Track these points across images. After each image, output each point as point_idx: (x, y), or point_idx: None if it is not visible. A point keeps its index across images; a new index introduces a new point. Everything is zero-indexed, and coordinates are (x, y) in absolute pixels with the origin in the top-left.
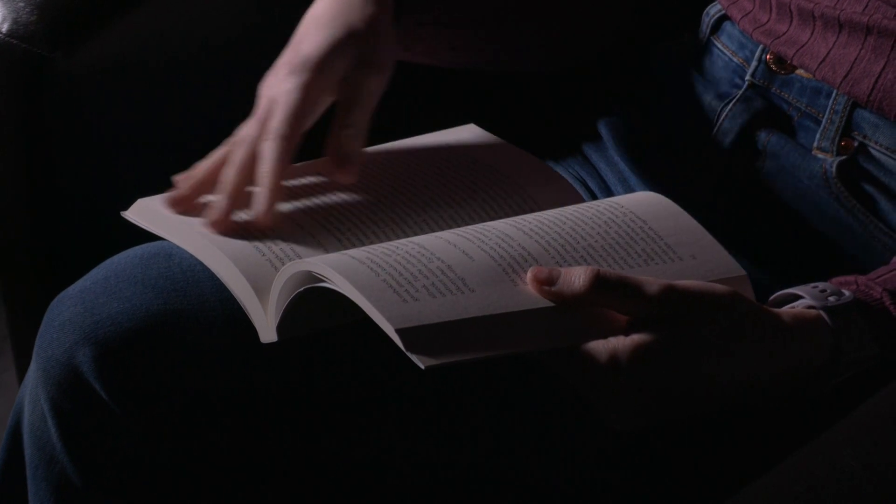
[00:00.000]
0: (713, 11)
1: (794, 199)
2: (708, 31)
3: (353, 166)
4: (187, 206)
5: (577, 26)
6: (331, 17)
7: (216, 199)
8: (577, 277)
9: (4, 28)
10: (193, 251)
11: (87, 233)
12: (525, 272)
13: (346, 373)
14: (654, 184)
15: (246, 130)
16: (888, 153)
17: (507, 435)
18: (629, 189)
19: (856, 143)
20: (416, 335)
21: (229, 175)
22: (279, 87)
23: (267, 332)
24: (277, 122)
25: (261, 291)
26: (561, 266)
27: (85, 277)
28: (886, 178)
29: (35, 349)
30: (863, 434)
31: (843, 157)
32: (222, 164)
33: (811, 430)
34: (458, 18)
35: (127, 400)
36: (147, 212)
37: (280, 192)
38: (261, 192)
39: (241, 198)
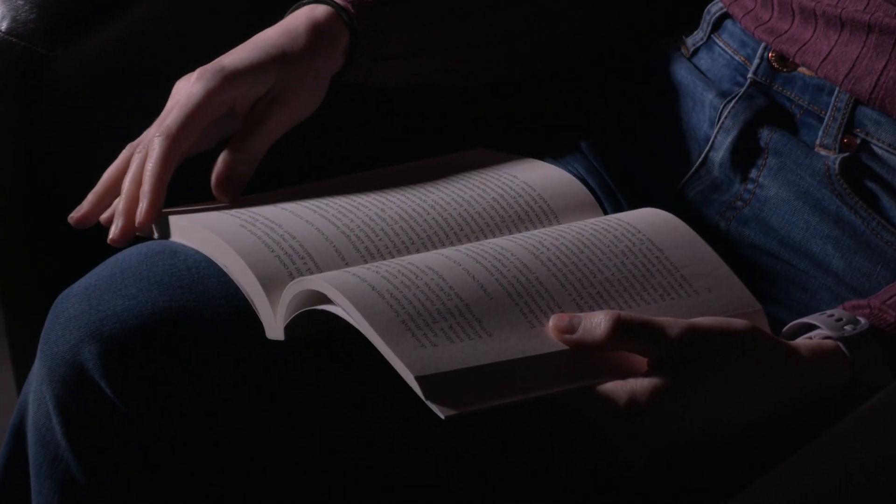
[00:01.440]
0: (714, 10)
1: (796, 196)
2: (709, 29)
3: (235, 190)
4: (92, 220)
5: (557, 34)
6: (269, 43)
7: (116, 216)
8: (598, 325)
9: (4, 26)
10: (202, 248)
11: (86, 231)
12: (542, 312)
13: (353, 369)
14: (654, 182)
15: (146, 132)
16: (891, 150)
17: (509, 431)
18: (630, 188)
19: (858, 141)
20: (435, 383)
21: (125, 186)
22: (186, 88)
23: (274, 329)
24: (171, 120)
25: (269, 288)
26: (578, 304)
27: (89, 274)
28: (889, 174)
29: (39, 346)
30: (873, 428)
31: (846, 154)
32: (124, 169)
33: (820, 425)
34: (418, 49)
35: (132, 397)
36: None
37: (163, 192)
38: (143, 191)
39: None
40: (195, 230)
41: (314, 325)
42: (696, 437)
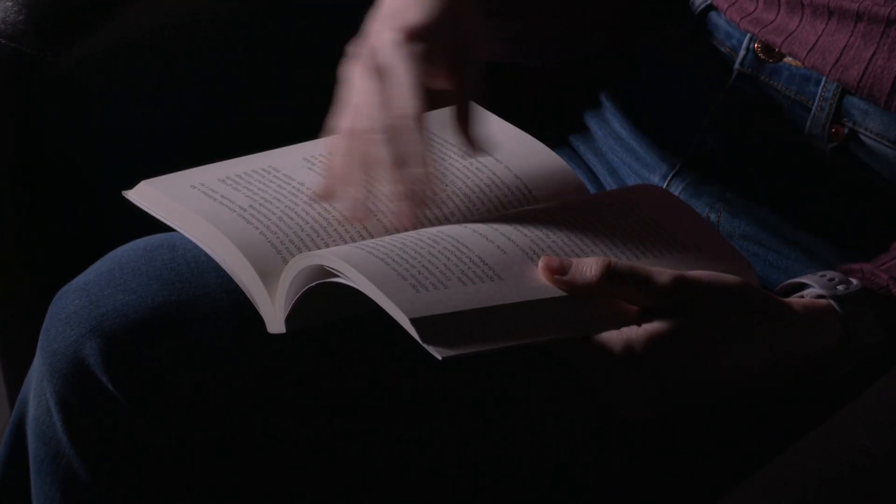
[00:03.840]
0: (699, 2)
1: (785, 187)
2: (693, 21)
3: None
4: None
5: (565, 21)
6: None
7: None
8: (588, 268)
9: None
10: (198, 238)
11: (80, 230)
12: (534, 263)
13: (353, 363)
14: (643, 175)
15: (366, 110)
16: (878, 139)
17: (510, 425)
18: (619, 180)
19: (846, 130)
20: (430, 325)
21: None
22: (393, 56)
23: (275, 322)
24: (405, 101)
25: (268, 280)
26: (570, 257)
27: (88, 270)
28: (877, 164)
29: (39, 343)
30: (877, 413)
31: (835, 144)
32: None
33: (824, 411)
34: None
35: (134, 392)
36: (150, 195)
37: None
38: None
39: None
40: (191, 219)
41: (314, 315)
42: (689, 390)
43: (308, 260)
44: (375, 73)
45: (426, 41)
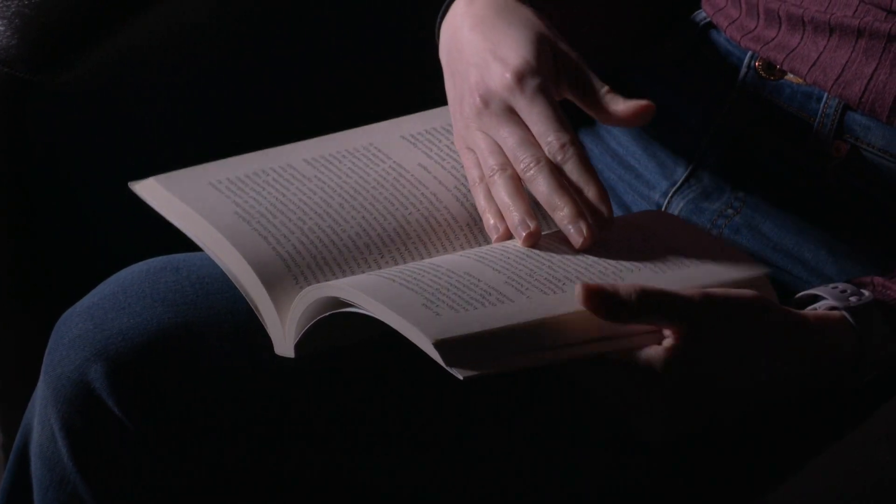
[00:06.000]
0: (698, 20)
1: (788, 203)
2: (693, 39)
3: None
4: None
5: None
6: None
7: (574, 222)
8: (628, 296)
9: None
10: (204, 243)
11: (73, 254)
12: (552, 283)
13: (359, 386)
14: (642, 193)
15: (494, 160)
16: (881, 154)
17: (525, 447)
18: (616, 198)
19: (848, 146)
20: (452, 348)
21: (561, 200)
22: (519, 99)
23: (283, 346)
24: (558, 131)
25: (277, 297)
26: (589, 279)
27: (92, 293)
28: (879, 179)
29: (43, 367)
30: None
31: (837, 160)
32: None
33: (843, 426)
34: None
35: (140, 415)
36: (158, 192)
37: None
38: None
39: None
40: (201, 224)
41: (324, 341)
42: (709, 409)
43: (322, 291)
44: (507, 118)
45: (539, 74)
